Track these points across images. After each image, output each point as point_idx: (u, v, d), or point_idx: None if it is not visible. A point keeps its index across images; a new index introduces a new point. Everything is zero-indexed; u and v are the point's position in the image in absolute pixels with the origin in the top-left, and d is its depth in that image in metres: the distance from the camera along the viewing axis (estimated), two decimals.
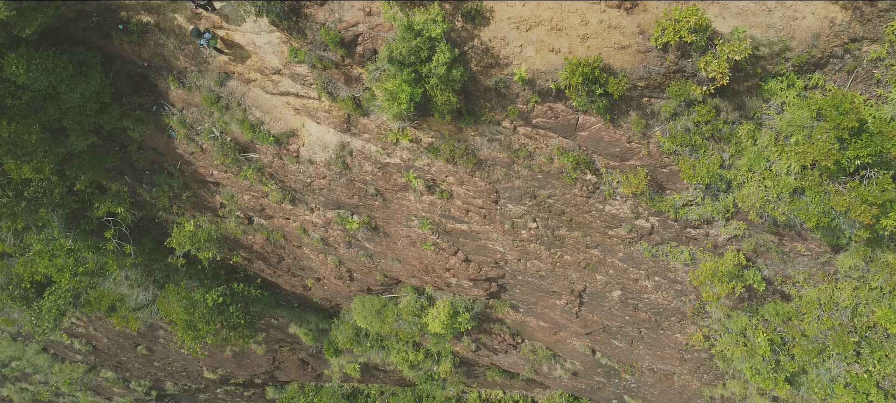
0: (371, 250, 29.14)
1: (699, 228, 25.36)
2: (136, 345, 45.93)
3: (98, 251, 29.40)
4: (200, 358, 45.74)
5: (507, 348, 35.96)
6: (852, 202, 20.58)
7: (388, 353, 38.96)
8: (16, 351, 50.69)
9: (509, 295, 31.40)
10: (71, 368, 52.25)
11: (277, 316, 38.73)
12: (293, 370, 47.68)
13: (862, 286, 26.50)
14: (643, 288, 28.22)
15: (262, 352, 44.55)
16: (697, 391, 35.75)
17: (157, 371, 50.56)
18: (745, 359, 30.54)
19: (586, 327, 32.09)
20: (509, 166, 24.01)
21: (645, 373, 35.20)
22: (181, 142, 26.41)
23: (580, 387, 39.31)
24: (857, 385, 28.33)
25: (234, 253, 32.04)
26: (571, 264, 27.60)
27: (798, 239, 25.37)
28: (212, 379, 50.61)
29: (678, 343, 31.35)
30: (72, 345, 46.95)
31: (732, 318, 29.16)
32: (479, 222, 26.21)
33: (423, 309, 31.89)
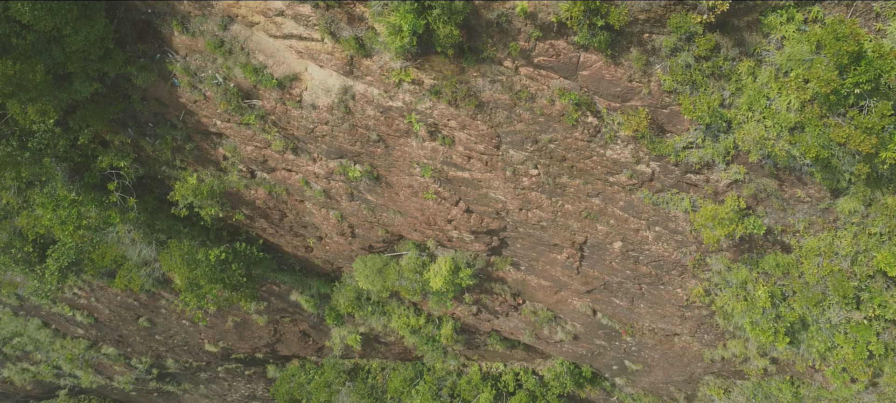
0: (373, 202, 29.28)
1: (699, 173, 25.49)
2: (137, 317, 46.03)
3: (101, 205, 29.53)
4: (202, 329, 45.83)
5: (508, 310, 36.07)
6: (851, 133, 20.73)
7: (390, 319, 39.08)
8: (18, 327, 50.75)
9: (510, 252, 31.53)
10: (72, 344, 52.31)
11: (279, 282, 38.84)
12: (294, 342, 47.77)
13: (861, 233, 26.67)
14: (644, 239, 28.35)
15: (263, 323, 44.66)
16: (698, 353, 35.87)
17: (158, 346, 50.63)
18: (746, 314, 30.68)
19: (587, 284, 32.21)
20: (511, 109, 24.15)
21: (645, 334, 35.31)
22: (184, 90, 26.57)
23: (581, 353, 39.41)
24: (858, 336, 28.45)
25: (237, 210, 32.17)
26: (572, 214, 27.73)
27: (798, 184, 25.52)
28: (213, 354, 50.68)
29: (679, 299, 31.47)
30: (73, 318, 47.04)
31: (733, 271, 29.30)
32: (481, 169, 26.35)
33: (425, 266, 32.02)
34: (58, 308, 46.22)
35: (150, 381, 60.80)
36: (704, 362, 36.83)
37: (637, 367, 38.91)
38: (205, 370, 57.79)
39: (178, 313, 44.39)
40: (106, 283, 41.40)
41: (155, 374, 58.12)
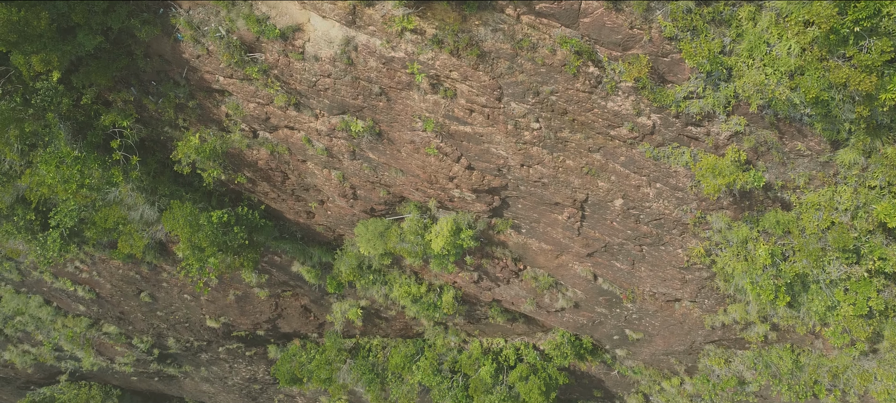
0: (375, 161, 29.41)
1: (700, 126, 25.63)
2: (138, 292, 46.13)
3: (104, 164, 29.66)
4: (203, 303, 45.91)
5: (508, 276, 36.18)
6: (851, 74, 20.87)
7: (391, 288, 39.18)
8: (19, 305, 50.81)
9: (512, 213, 31.65)
10: (74, 322, 52.38)
11: (280, 252, 38.95)
12: (295, 318, 47.86)
13: (861, 186, 26.81)
14: (645, 196, 28.47)
15: (264, 297, 44.76)
16: (699, 320, 35.97)
17: (159, 323, 50.73)
18: (746, 274, 30.79)
19: (588, 246, 32.32)
20: (512, 59, 24.28)
21: (646, 300, 35.41)
22: (188, 44, 26.70)
23: (581, 323, 39.51)
24: (859, 292, 28.56)
25: (239, 173, 32.30)
26: (573, 170, 27.85)
27: (798, 136, 25.65)
28: (214, 331, 50.76)
29: (679, 260, 31.59)
30: (75, 293, 47.13)
31: (733, 229, 29.41)
32: (483, 123, 26.48)
33: (426, 228, 32.14)
34: (59, 283, 46.31)
35: (151, 362, 60.87)
36: (705, 329, 36.93)
37: (638, 336, 39.01)
38: (206, 350, 57.86)
39: (179, 287, 44.49)
40: (108, 256, 41.50)
41: (156, 355, 58.18)
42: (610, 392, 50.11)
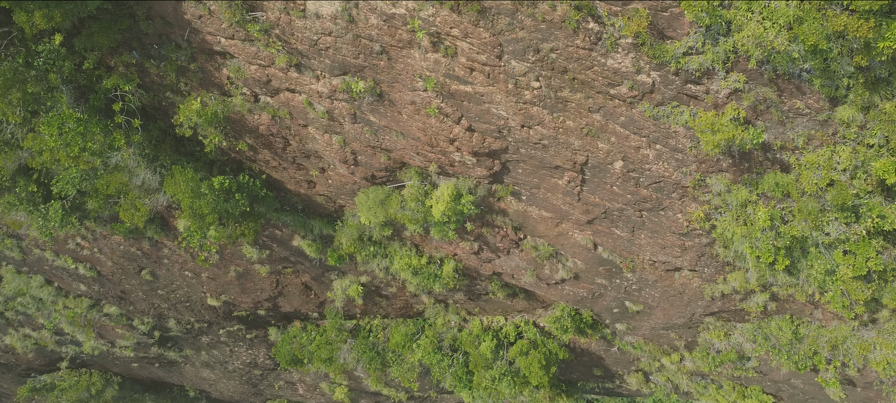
0: (376, 124, 29.53)
1: (699, 83, 25.75)
2: (140, 270, 46.22)
3: (106, 129, 29.77)
4: (204, 280, 45.98)
5: (509, 247, 36.28)
6: (848, 21, 21.02)
7: (391, 261, 39.27)
8: (20, 285, 50.89)
9: (512, 178, 31.77)
10: (74, 303, 52.47)
11: (281, 225, 39.05)
12: (296, 296, 47.96)
13: (860, 145, 26.93)
14: (644, 158, 28.59)
15: (265, 274, 44.85)
16: (698, 290, 36.09)
17: (160, 302, 50.80)
18: (746, 239, 30.92)
19: (588, 213, 32.43)
20: (513, 15, 24.41)
21: (646, 269, 35.52)
22: (190, 4, 26.84)
23: (581, 295, 39.61)
24: (858, 252, 28.67)
25: (240, 140, 32.42)
26: (573, 131, 27.98)
27: (797, 94, 25.79)
28: (215, 310, 50.83)
29: (679, 226, 31.70)
30: (76, 271, 47.20)
31: (733, 192, 29.54)
32: (483, 82, 26.61)
33: (427, 194, 32.26)
34: (61, 261, 46.40)
35: (152, 345, 60.95)
36: (705, 300, 37.05)
37: (638, 308, 39.10)
38: (206, 333, 57.95)
39: (180, 263, 44.59)
40: (109, 231, 41.60)
41: (157, 337, 58.26)
42: (610, 370, 50.21)
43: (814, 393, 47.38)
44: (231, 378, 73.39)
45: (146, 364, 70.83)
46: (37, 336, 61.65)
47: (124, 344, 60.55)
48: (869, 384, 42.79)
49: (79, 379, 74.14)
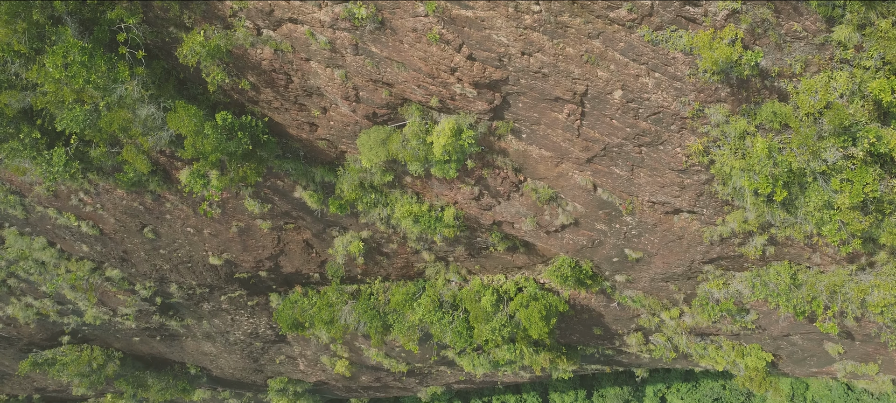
0: (378, 55, 29.81)
1: (697, 5, 26.05)
2: (142, 227, 46.42)
3: (110, 62, 30.04)
4: (206, 237, 46.20)
5: (509, 190, 36.55)
6: None
7: (392, 209, 39.52)
8: (23, 246, 51.07)
9: (512, 114, 32.04)
10: (77, 266, 52.68)
11: (283, 175, 39.29)
12: (297, 254, 48.18)
13: (856, 68, 27.22)
14: (643, 87, 28.87)
15: (266, 229, 45.09)
16: (697, 234, 36.34)
17: (162, 264, 51.01)
18: (744, 172, 31.18)
19: (588, 150, 32.71)
20: None
21: (645, 212, 35.77)
22: None
23: (581, 244, 39.85)
24: (855, 179, 28.95)
25: (243, 77, 32.70)
26: (573, 58, 28.26)
27: (794, 16, 26.08)
28: (216, 271, 51.02)
29: (678, 162, 31.97)
30: (79, 230, 47.38)
31: (731, 123, 29.83)
32: (484, 6, 26.90)
33: (428, 131, 32.54)
34: (63, 219, 46.59)
35: (154, 313, 61.16)
36: (704, 245, 37.30)
37: (637, 255, 39.35)
38: (208, 298, 58.17)
39: (182, 219, 44.80)
40: (112, 184, 41.83)
41: (158, 303, 58.48)
42: (610, 329, 50.45)
43: (813, 350, 47.64)
44: (232, 351, 73.65)
45: (147, 338, 71.07)
46: (39, 305, 61.85)
47: (126, 312, 60.77)
48: (867, 336, 43.06)
49: (80, 354, 74.43)
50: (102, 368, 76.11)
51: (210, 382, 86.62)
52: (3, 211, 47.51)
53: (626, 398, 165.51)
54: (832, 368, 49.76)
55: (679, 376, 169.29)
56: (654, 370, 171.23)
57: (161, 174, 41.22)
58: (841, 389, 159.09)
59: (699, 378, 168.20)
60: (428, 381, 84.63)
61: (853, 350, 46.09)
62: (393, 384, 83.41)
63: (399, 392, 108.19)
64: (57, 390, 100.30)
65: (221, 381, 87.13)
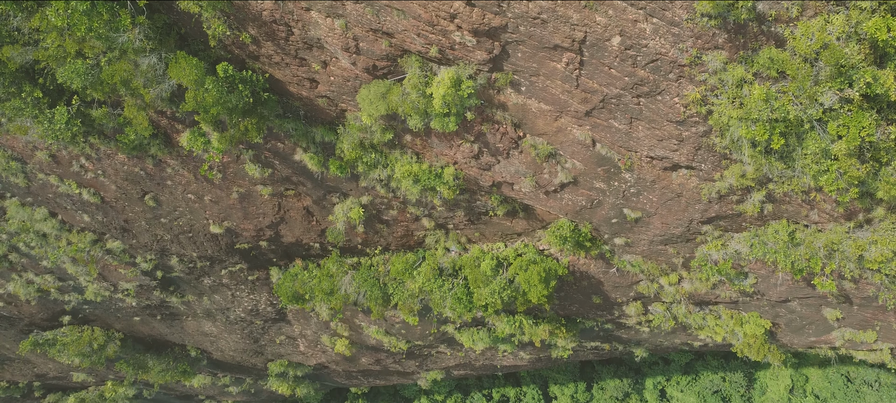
0: (377, 3, 30.03)
1: None
2: (143, 194, 46.61)
3: (112, 11, 30.26)
4: (207, 205, 46.39)
5: (508, 147, 36.75)
6: None
7: (392, 170, 39.72)
8: (24, 217, 51.26)
9: (511, 65, 32.26)
10: (78, 237, 52.86)
11: (283, 136, 39.50)
12: (298, 222, 48.38)
13: (853, 9, 27.43)
14: (642, 33, 29.09)
15: (267, 196, 45.28)
16: (696, 191, 36.54)
17: (163, 234, 51.19)
18: (741, 122, 31.40)
19: (586, 102, 32.92)
20: None
21: (644, 168, 35.97)
22: None
23: (580, 205, 40.05)
24: (851, 124, 29.16)
25: (243, 31, 32.93)
26: (572, 3, 28.46)
27: None
28: (217, 241, 51.19)
29: (676, 112, 32.18)
30: (80, 198, 47.56)
31: (728, 70, 30.02)
32: None
33: (428, 83, 32.75)
34: (65, 186, 46.76)
35: (154, 289, 61.33)
36: (702, 203, 37.51)
37: (636, 215, 39.54)
38: (208, 272, 58.35)
39: (183, 185, 45.00)
40: (113, 148, 42.06)
41: (159, 278, 58.65)
42: (609, 298, 50.62)
43: (811, 317, 47.80)
44: (233, 331, 73.82)
45: (148, 317, 71.24)
46: (40, 281, 62.04)
47: (126, 288, 60.94)
48: (865, 300, 43.24)
49: (81, 335, 74.61)
50: (103, 348, 76.26)
51: (210, 365, 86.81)
52: (4, 179, 47.72)
53: (625, 390, 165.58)
54: (831, 336, 49.94)
55: (679, 368, 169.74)
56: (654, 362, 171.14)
57: (162, 138, 41.44)
58: (840, 381, 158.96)
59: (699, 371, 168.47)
60: (427, 364, 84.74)
61: (851, 315, 46.27)
62: (393, 367, 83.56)
63: (399, 379, 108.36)
64: (57, 376, 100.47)
65: (222, 365, 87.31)
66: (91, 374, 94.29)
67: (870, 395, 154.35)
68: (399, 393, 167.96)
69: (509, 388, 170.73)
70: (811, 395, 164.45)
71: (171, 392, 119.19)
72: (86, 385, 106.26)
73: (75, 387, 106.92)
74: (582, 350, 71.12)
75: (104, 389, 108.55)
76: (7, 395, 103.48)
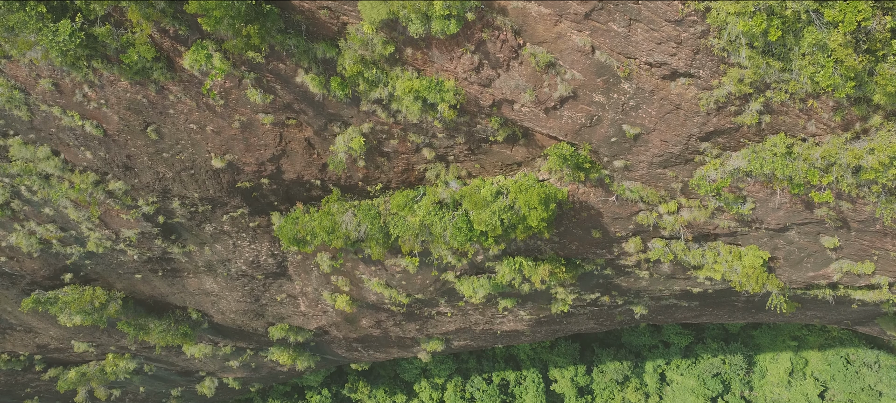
0: None
1: None
2: (145, 126, 46.96)
3: None
4: (209, 136, 46.75)
5: (508, 57, 37.13)
6: None
7: (394, 87, 40.09)
8: (27, 156, 51.61)
9: None
10: (80, 178, 53.20)
11: (285, 56, 39.84)
12: (299, 155, 48.71)
13: None
14: None
15: (269, 124, 45.63)
16: (694, 102, 36.95)
17: (165, 172, 51.50)
18: (739, 17, 31.81)
19: (586, 1, 33.30)
20: None
21: (642, 76, 36.36)
22: None
23: (580, 123, 40.43)
24: (848, 10, 29.56)
25: None
26: None
27: None
28: (219, 177, 51.50)
29: (675, 10, 32.58)
30: (83, 131, 47.91)
31: None
32: None
33: None
34: (67, 119, 47.08)
35: (156, 238, 61.65)
36: (701, 115, 37.91)
37: (635, 131, 39.90)
38: (210, 218, 58.67)
39: (185, 114, 45.35)
40: (116, 74, 42.44)
41: (161, 224, 58.99)
42: (608, 232, 50.95)
43: (809, 248, 48.16)
44: (234, 288, 74.13)
45: (149, 274, 71.57)
46: (42, 231, 62.40)
47: (128, 236, 61.24)
48: (863, 223, 43.59)
49: (82, 294, 74.98)
50: (104, 307, 76.65)
51: (211, 330, 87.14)
52: (8, 113, 48.10)
53: (625, 373, 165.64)
54: (829, 270, 50.25)
55: (678, 352, 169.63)
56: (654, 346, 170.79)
57: (165, 62, 41.80)
58: (840, 363, 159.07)
59: (699, 354, 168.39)
60: (427, 329, 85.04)
61: (849, 243, 46.59)
62: (393, 331, 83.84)
63: (399, 352, 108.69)
64: (58, 348, 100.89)
65: (222, 330, 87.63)
66: (92, 343, 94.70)
67: (869, 376, 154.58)
68: (399, 377, 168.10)
69: (509, 372, 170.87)
70: (811, 378, 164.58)
71: (172, 368, 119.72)
72: (86, 358, 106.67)
73: (76, 361, 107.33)
74: (581, 305, 71.42)
75: (105, 363, 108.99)
76: (8, 368, 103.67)
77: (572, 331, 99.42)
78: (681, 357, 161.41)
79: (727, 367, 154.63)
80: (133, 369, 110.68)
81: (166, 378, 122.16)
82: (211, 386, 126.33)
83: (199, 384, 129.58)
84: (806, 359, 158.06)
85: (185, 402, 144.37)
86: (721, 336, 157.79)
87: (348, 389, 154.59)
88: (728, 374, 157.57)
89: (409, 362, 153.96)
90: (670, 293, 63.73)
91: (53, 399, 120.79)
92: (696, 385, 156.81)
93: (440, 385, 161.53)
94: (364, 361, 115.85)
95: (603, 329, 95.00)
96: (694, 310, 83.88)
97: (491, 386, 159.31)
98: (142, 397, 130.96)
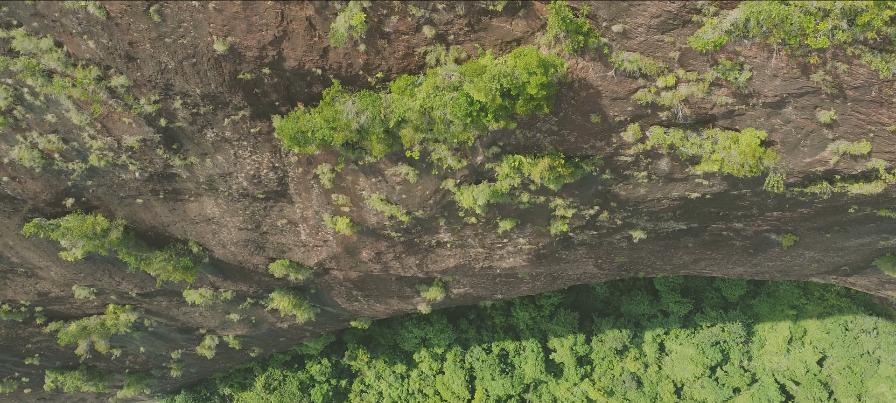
0: None
1: None
2: (148, 7, 47.46)
3: None
4: (211, 13, 47.23)
5: None
6: None
7: None
8: (30, 47, 52.02)
9: None
10: (83, 73, 53.62)
11: None
12: (300, 37, 49.14)
13: None
14: None
15: None
16: None
17: (167, 62, 51.90)
18: None
19: None
20: None
21: None
22: None
23: None
24: None
25: None
26: None
27: None
28: (220, 66, 51.91)
29: None
30: (86, 13, 48.38)
31: None
32: None
33: None
34: (70, 1, 47.62)
35: (158, 147, 62.07)
36: None
37: None
38: (211, 123, 59.11)
39: None
40: None
41: (163, 128, 59.40)
42: (607, 117, 51.39)
43: (806, 127, 48.66)
44: (235, 212, 74.54)
45: (150, 198, 71.99)
46: (44, 142, 62.80)
47: (130, 145, 61.64)
48: (859, 91, 44.10)
49: (84, 220, 75.48)
50: (106, 233, 77.10)
51: (212, 266, 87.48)
52: None
53: (624, 342, 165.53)
54: (825, 154, 50.68)
55: (678, 321, 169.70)
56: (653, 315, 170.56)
57: None
58: (838, 330, 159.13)
59: (698, 323, 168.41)
60: (427, 264, 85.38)
61: (845, 118, 47.03)
62: (392, 265, 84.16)
63: (399, 303, 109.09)
64: (59, 296, 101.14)
65: (223, 267, 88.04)
66: (93, 287, 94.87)
67: (868, 342, 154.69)
68: (398, 346, 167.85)
69: (509, 342, 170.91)
70: (810, 345, 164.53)
71: (172, 324, 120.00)
72: (87, 310, 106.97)
73: (76, 314, 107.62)
74: (580, 225, 71.79)
75: (105, 316, 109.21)
76: (9, 319, 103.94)
77: (573, 278, 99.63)
78: (680, 327, 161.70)
79: (726, 336, 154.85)
80: (133, 322, 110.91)
81: (167, 337, 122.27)
82: (211, 345, 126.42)
83: (199, 345, 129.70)
84: (805, 328, 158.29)
85: (186, 367, 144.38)
86: (720, 304, 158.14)
87: (348, 357, 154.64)
88: (727, 343, 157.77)
89: (409, 330, 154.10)
90: (669, 204, 64.13)
91: (54, 357, 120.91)
92: (695, 353, 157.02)
93: (440, 355, 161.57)
94: (364, 316, 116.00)
95: (603, 273, 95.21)
96: (692, 253, 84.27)
97: (490, 356, 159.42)
98: (142, 358, 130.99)
